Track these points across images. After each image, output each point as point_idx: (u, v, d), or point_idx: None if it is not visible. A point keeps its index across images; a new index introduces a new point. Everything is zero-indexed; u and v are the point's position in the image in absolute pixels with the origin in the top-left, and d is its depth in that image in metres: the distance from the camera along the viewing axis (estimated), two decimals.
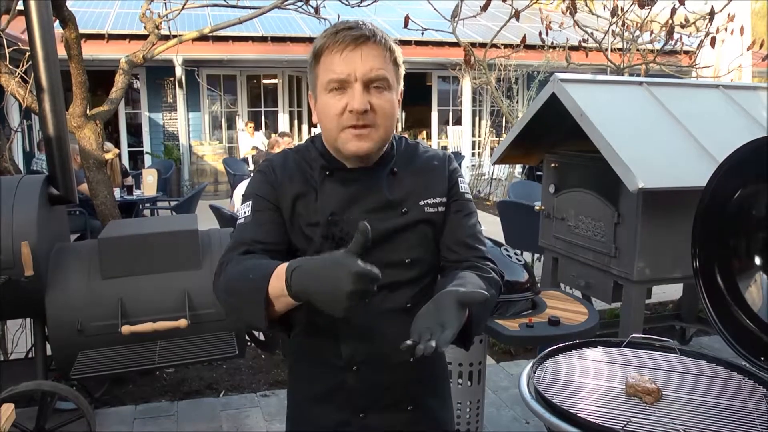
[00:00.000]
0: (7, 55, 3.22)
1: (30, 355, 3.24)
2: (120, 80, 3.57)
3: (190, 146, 11.18)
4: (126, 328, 2.48)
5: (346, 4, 4.20)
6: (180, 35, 3.81)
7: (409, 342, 1.06)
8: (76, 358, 2.48)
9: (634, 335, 1.91)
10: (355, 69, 1.18)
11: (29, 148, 8.98)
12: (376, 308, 1.27)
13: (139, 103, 11.95)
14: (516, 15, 4.26)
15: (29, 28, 2.53)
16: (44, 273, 2.52)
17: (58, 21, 3.06)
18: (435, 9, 4.65)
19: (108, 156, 3.30)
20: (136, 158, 12.11)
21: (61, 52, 3.03)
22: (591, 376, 1.70)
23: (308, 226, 1.27)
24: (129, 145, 12.05)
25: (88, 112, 3.32)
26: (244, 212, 1.30)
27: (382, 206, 1.28)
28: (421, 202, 1.32)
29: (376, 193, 1.29)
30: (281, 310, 1.12)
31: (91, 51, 9.69)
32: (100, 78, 9.79)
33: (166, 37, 3.96)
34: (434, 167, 1.37)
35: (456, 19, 4.49)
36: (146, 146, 11.76)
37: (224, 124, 12.49)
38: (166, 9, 4.08)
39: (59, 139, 2.64)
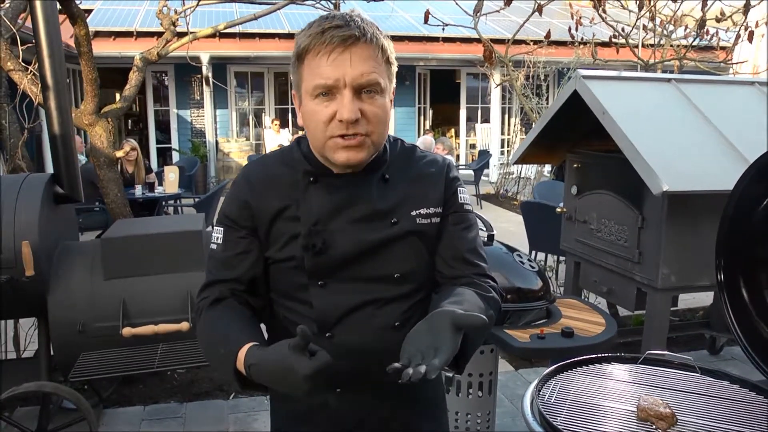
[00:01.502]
0: (21, 53, 3.21)
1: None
2: (134, 77, 3.54)
3: (216, 143, 11.25)
4: (127, 331, 2.44)
5: (366, 0, 4.10)
6: (195, 32, 3.76)
7: (397, 365, 0.98)
8: (77, 360, 2.45)
9: (650, 351, 1.77)
10: (344, 74, 1.07)
11: None
12: (363, 327, 1.18)
13: (167, 101, 12.05)
14: (539, 9, 4.11)
15: (34, 25, 2.50)
16: (47, 272, 2.49)
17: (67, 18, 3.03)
18: (457, 4, 4.52)
19: (119, 154, 3.27)
20: (164, 155, 12.22)
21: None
22: (601, 396, 1.58)
23: (290, 240, 1.17)
24: (158, 142, 12.18)
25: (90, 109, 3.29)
26: (216, 239, 1.23)
27: (370, 216, 1.18)
28: (413, 212, 1.21)
29: (365, 201, 1.18)
30: None
31: (119, 48, 9.83)
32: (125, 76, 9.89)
33: (184, 35, 3.92)
34: (430, 174, 1.25)
35: (478, 15, 4.35)
36: (174, 143, 11.87)
37: (251, 121, 12.53)
38: (183, 5, 4.04)
39: (64, 137, 2.60)
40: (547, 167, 10.53)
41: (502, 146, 13.05)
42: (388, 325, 1.19)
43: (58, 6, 2.81)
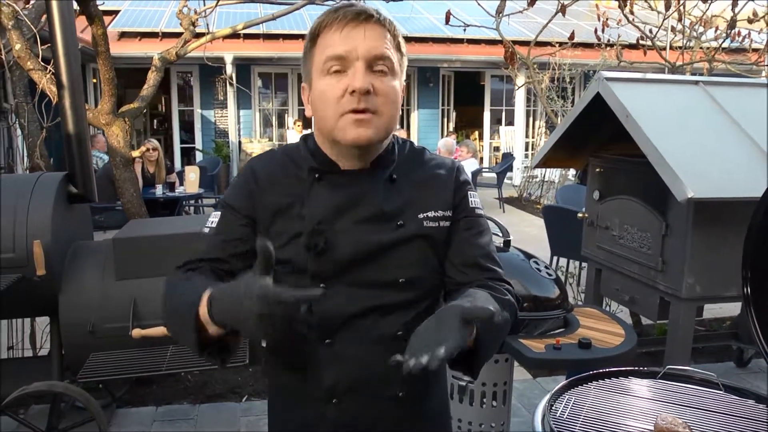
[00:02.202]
0: (41, 52, 3.23)
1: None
2: (152, 77, 3.55)
3: (239, 143, 11.30)
4: (137, 332, 2.42)
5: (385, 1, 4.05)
6: (214, 32, 3.75)
7: (399, 357, 0.93)
8: (87, 360, 2.44)
9: (670, 366, 1.69)
10: (356, 46, 1.06)
11: None
12: (364, 335, 1.13)
13: (192, 101, 12.16)
14: (562, 10, 4.02)
15: (50, 25, 2.50)
16: (59, 272, 2.48)
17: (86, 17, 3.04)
18: (479, 4, 4.45)
19: (135, 154, 3.27)
20: (188, 155, 12.33)
21: (119, 50, 3.01)
22: (617, 412, 1.50)
23: (292, 239, 1.12)
24: (182, 142, 12.29)
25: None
26: (211, 222, 1.18)
27: (376, 217, 1.13)
28: (420, 215, 1.16)
29: (371, 201, 1.13)
30: (216, 335, 1.00)
31: (145, 49, 9.93)
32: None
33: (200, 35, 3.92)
34: (439, 177, 1.20)
35: (500, 15, 4.28)
36: (198, 143, 11.97)
37: (274, 122, 12.58)
38: (204, 5, 4.04)
39: (79, 137, 2.60)
40: (572, 171, 10.38)
41: (527, 149, 12.90)
42: (391, 335, 1.14)
43: (76, 6, 2.81)
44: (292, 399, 1.21)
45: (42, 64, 3.24)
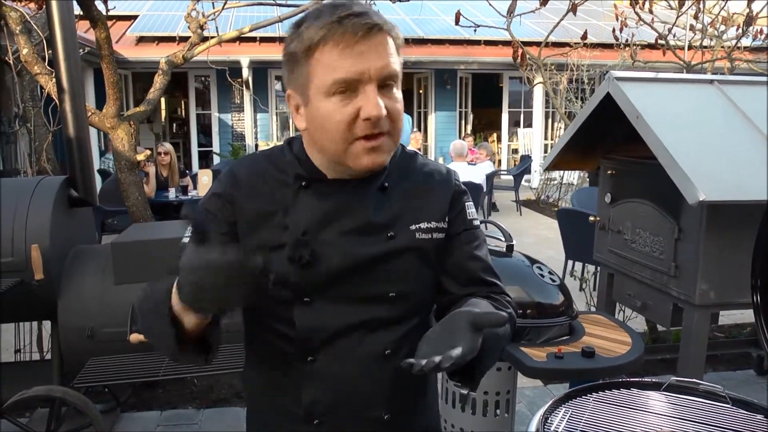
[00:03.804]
0: (47, 56, 3.24)
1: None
2: (159, 80, 3.54)
3: (256, 146, 11.35)
4: (134, 337, 2.40)
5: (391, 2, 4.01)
6: (221, 35, 3.74)
7: (410, 360, 0.88)
8: (85, 365, 2.42)
9: (674, 377, 1.61)
10: (368, 67, 0.96)
11: (103, 147, 9.37)
12: (350, 352, 1.07)
13: (210, 104, 12.24)
14: (573, 9, 3.94)
15: (51, 29, 2.50)
16: (58, 276, 2.48)
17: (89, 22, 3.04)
18: (490, 4, 4.38)
19: (139, 157, 3.26)
20: (206, 158, 12.41)
21: (137, 54, 3.01)
22: (615, 427, 1.43)
23: (275, 250, 1.05)
24: (200, 145, 12.38)
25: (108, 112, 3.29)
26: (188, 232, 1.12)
27: (364, 228, 1.06)
28: (412, 227, 1.09)
29: (360, 212, 1.06)
30: (192, 328, 0.95)
31: (163, 53, 10.00)
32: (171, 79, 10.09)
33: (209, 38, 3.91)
34: (433, 185, 1.14)
35: (512, 15, 4.21)
36: (215, 146, 12.04)
37: (292, 126, 12.60)
38: (213, 8, 4.04)
39: (79, 141, 2.59)
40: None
41: (545, 151, 12.76)
42: (377, 354, 1.08)
43: (79, 11, 2.81)
44: (268, 418, 1.16)
45: (49, 68, 3.25)
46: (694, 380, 1.60)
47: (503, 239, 2.35)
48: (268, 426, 1.16)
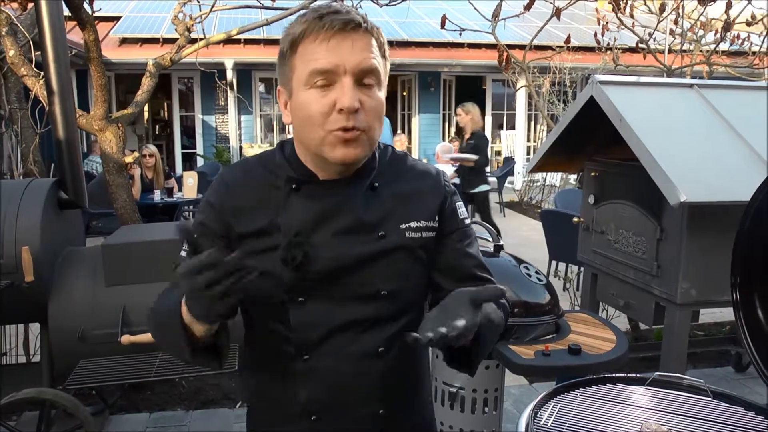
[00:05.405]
0: (34, 58, 3.23)
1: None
2: (146, 83, 3.54)
3: (240, 148, 11.31)
4: (126, 338, 2.41)
5: (380, 5, 4.05)
6: (208, 38, 3.75)
7: (415, 333, 0.92)
8: (76, 367, 2.42)
9: (659, 373, 1.66)
10: (344, 60, 0.99)
11: (86, 149, 9.28)
12: (344, 350, 1.10)
13: (193, 106, 12.18)
14: (557, 14, 4.01)
15: (40, 30, 2.50)
16: (48, 278, 2.47)
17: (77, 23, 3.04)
18: (475, 8, 4.44)
19: (128, 159, 3.26)
20: (190, 160, 12.35)
21: (120, 56, 3.01)
22: (602, 420, 1.48)
23: (268, 251, 1.07)
24: (183, 147, 12.31)
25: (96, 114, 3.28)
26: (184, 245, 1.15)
27: (355, 228, 1.09)
28: (402, 226, 1.12)
29: (350, 212, 1.09)
30: (202, 336, 0.99)
31: (146, 55, 9.92)
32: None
33: (196, 41, 3.91)
34: (423, 185, 1.17)
35: (496, 19, 4.26)
36: (199, 148, 11.98)
37: (275, 127, 12.59)
38: (200, 10, 4.04)
39: (69, 143, 2.59)
40: (574, 175, 10.34)
41: (528, 153, 12.88)
42: (370, 351, 1.11)
43: (68, 12, 2.81)
44: (268, 416, 1.19)
45: (35, 70, 3.23)
46: (677, 375, 1.66)
47: (490, 240, 2.39)
48: (267, 424, 1.19)
